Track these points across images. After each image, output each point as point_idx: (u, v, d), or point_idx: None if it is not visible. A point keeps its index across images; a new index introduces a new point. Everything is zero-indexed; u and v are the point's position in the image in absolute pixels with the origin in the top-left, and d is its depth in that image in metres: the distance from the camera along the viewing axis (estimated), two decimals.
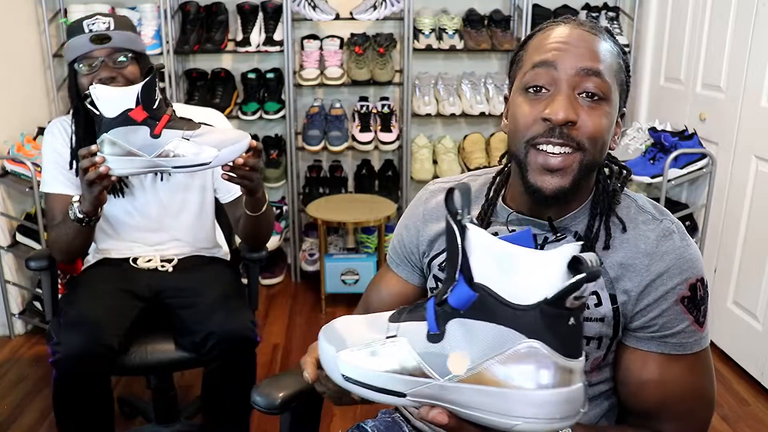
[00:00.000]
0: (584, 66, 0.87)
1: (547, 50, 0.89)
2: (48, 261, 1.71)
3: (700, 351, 0.93)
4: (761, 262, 2.29)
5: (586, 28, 0.91)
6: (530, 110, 0.89)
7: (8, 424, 2.13)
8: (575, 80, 0.87)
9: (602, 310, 0.92)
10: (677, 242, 0.92)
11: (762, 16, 2.27)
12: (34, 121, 2.84)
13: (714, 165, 2.56)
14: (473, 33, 3.09)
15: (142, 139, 1.30)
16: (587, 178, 0.92)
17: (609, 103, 0.89)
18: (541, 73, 0.88)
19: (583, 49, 0.88)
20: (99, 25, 1.57)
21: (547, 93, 0.88)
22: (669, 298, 0.90)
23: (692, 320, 0.91)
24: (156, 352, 1.63)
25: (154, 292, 1.69)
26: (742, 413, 2.20)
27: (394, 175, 3.32)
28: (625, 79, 0.93)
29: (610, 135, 0.91)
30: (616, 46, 0.93)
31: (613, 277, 0.92)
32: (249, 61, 3.22)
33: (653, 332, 0.92)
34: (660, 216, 0.95)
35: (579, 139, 0.87)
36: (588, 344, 0.94)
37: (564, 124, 0.86)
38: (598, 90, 0.87)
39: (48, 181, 1.69)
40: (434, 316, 0.65)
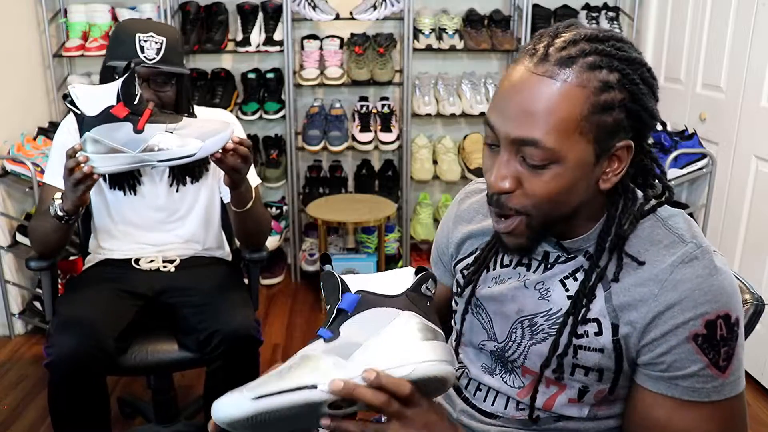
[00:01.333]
0: (517, 136, 0.78)
1: (494, 104, 0.83)
2: (48, 261, 1.70)
3: (723, 401, 0.82)
4: (761, 262, 2.29)
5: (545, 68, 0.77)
6: (485, 167, 0.86)
7: (8, 424, 2.13)
8: (513, 147, 0.80)
9: (601, 341, 0.86)
10: (698, 270, 0.81)
11: (762, 16, 2.27)
12: (34, 121, 2.85)
13: (714, 165, 2.56)
14: (473, 33, 3.09)
15: (126, 136, 1.30)
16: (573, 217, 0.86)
17: (560, 164, 0.78)
18: (489, 131, 0.84)
19: (521, 111, 0.78)
20: (151, 44, 1.53)
21: (497, 149, 0.83)
22: (678, 335, 0.80)
23: (708, 362, 0.80)
24: (157, 352, 1.63)
25: (155, 292, 1.69)
26: None
27: (394, 175, 3.32)
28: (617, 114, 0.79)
29: (572, 189, 0.81)
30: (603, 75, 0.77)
31: (617, 304, 0.85)
32: (249, 61, 3.22)
33: (661, 371, 0.83)
34: (689, 239, 0.84)
35: (517, 207, 0.82)
36: (587, 375, 0.89)
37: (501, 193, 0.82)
38: (537, 161, 0.79)
39: (49, 173, 1.70)
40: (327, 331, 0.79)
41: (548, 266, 0.93)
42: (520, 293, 0.94)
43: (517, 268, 0.97)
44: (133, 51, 1.53)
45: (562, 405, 0.92)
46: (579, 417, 0.92)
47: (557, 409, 0.92)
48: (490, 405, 0.98)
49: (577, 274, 0.90)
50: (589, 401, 0.91)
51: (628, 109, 0.79)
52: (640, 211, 0.87)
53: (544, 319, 0.92)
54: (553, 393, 0.92)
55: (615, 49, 0.79)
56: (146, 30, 1.55)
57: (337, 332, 0.77)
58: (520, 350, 0.94)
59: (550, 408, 0.93)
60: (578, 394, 0.91)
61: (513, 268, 0.97)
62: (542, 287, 0.93)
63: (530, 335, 0.93)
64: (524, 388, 0.95)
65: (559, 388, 0.92)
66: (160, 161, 1.31)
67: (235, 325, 1.57)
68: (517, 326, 0.95)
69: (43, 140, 2.70)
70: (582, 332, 0.87)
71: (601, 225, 0.88)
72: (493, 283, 0.99)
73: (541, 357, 0.91)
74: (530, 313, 0.93)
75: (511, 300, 0.95)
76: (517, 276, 0.96)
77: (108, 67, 1.60)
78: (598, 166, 0.82)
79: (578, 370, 0.89)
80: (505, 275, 0.98)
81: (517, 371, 0.96)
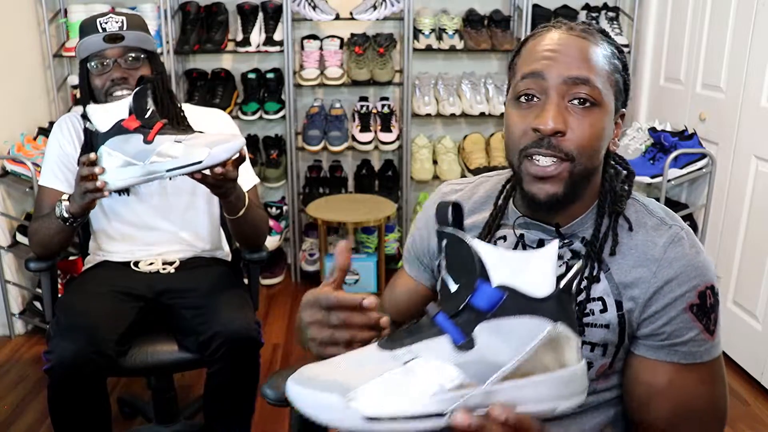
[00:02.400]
0: (572, 75, 0.87)
1: (536, 60, 0.90)
2: (48, 262, 1.69)
3: (712, 360, 0.92)
4: (761, 262, 2.29)
5: (576, 33, 0.91)
6: (521, 120, 0.90)
7: (8, 424, 2.13)
8: (564, 89, 0.88)
9: (607, 317, 0.92)
10: (686, 249, 0.91)
11: (762, 16, 2.27)
12: (34, 121, 2.85)
13: (714, 165, 2.56)
14: (473, 33, 3.09)
15: (136, 147, 1.30)
16: (586, 184, 0.93)
17: (601, 108, 0.89)
18: (531, 83, 0.89)
19: (571, 57, 0.88)
20: (112, 24, 1.58)
21: (538, 102, 0.89)
22: (677, 306, 0.89)
23: (702, 328, 0.90)
24: (157, 353, 1.63)
25: (154, 293, 1.68)
26: (742, 413, 2.20)
27: (394, 175, 3.32)
28: (622, 79, 0.93)
29: (605, 139, 0.91)
30: (610, 46, 0.93)
31: (619, 283, 0.92)
32: (249, 61, 3.22)
33: (662, 340, 0.91)
34: (670, 221, 0.94)
35: (568, 150, 0.88)
36: (593, 351, 0.93)
37: (553, 135, 0.87)
38: (588, 97, 0.88)
39: (45, 174, 1.70)
40: (454, 326, 0.63)
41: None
42: None
43: None
44: (95, 30, 1.57)
45: None
46: None
47: None
48: None
49: (574, 259, 0.96)
50: (591, 376, 0.94)
51: (624, 78, 0.94)
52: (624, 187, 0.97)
53: None
54: None
55: (606, 32, 0.95)
56: (105, 14, 1.61)
57: (470, 338, 0.63)
58: None
59: None
60: None
61: None
62: None
63: None
64: None
65: None
66: (168, 170, 1.29)
67: (235, 327, 1.56)
68: None
69: (43, 140, 2.70)
70: (588, 311, 0.93)
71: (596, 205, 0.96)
72: None
73: None
74: None
75: None
76: None
77: (81, 63, 1.63)
78: (612, 125, 0.93)
79: (585, 346, 0.93)
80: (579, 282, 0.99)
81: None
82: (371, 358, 0.65)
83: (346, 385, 0.61)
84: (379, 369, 0.63)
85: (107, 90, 1.61)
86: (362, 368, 0.63)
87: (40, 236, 1.59)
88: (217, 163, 1.30)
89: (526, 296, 0.63)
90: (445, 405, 0.61)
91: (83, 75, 1.65)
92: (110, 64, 1.59)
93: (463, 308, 0.64)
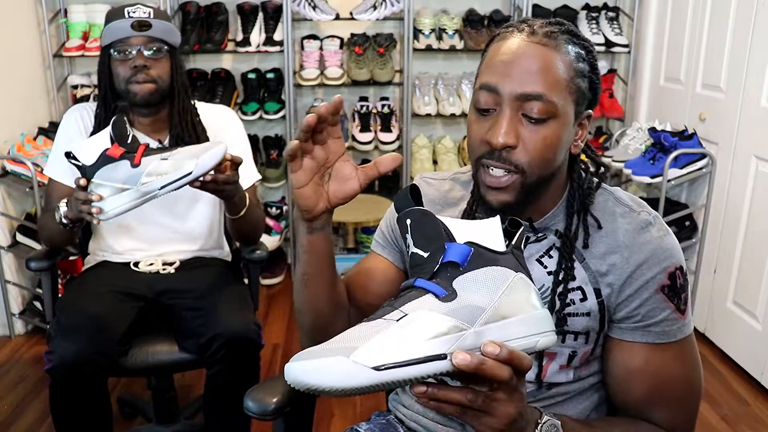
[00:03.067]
0: (525, 92, 0.88)
1: (492, 71, 0.91)
2: (48, 262, 1.70)
3: (684, 338, 0.96)
4: (761, 262, 2.29)
5: (537, 39, 0.90)
6: (478, 129, 0.92)
7: (8, 424, 2.13)
8: (517, 104, 0.89)
9: (588, 305, 0.95)
10: (654, 233, 0.95)
11: (762, 16, 2.27)
12: (34, 121, 2.85)
13: (714, 165, 2.56)
14: (473, 33, 3.09)
15: (125, 172, 1.34)
16: (545, 187, 0.95)
17: (557, 119, 0.90)
18: (486, 95, 0.91)
19: (524, 71, 0.89)
20: (140, 13, 1.61)
21: (493, 113, 0.91)
22: (649, 288, 0.93)
23: (674, 308, 0.94)
24: (157, 353, 1.63)
25: (155, 293, 1.68)
26: (742, 413, 2.20)
27: (394, 175, 3.32)
28: (587, 82, 0.93)
29: (561, 148, 0.92)
30: (575, 48, 0.92)
31: (595, 271, 0.95)
32: (249, 61, 3.22)
33: (636, 322, 0.95)
34: (637, 208, 0.98)
35: (518, 162, 0.90)
36: (576, 339, 0.96)
37: (503, 148, 0.89)
38: (539, 114, 0.88)
39: (53, 166, 1.70)
40: (435, 284, 0.70)
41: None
42: None
43: None
44: (122, 16, 1.60)
45: (554, 372, 0.98)
46: (566, 381, 0.99)
47: (549, 377, 0.98)
48: None
49: (551, 252, 0.99)
50: (575, 365, 0.98)
51: (591, 80, 0.94)
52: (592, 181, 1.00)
53: None
54: (545, 363, 0.98)
55: (578, 31, 0.95)
56: (134, 3, 1.63)
57: (451, 289, 0.70)
58: None
59: (543, 378, 0.98)
60: (567, 359, 0.98)
61: None
62: None
63: None
64: None
65: (549, 357, 0.98)
66: (161, 188, 1.33)
67: (235, 329, 1.56)
68: None
69: (43, 140, 2.70)
70: (569, 300, 0.96)
71: (565, 199, 0.99)
72: None
73: None
74: None
75: None
76: None
77: (104, 50, 1.64)
78: (573, 129, 0.94)
79: (569, 336, 0.97)
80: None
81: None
82: (364, 328, 0.68)
83: (349, 347, 0.65)
84: (375, 330, 0.67)
85: (128, 78, 1.62)
86: (359, 334, 0.67)
87: (47, 231, 1.63)
88: (207, 171, 1.36)
89: (489, 250, 0.73)
90: (444, 347, 0.66)
91: (105, 62, 1.66)
92: (133, 52, 1.61)
93: (439, 268, 0.71)
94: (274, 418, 1.09)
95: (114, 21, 1.61)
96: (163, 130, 1.73)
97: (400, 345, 0.65)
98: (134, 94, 1.63)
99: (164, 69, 1.66)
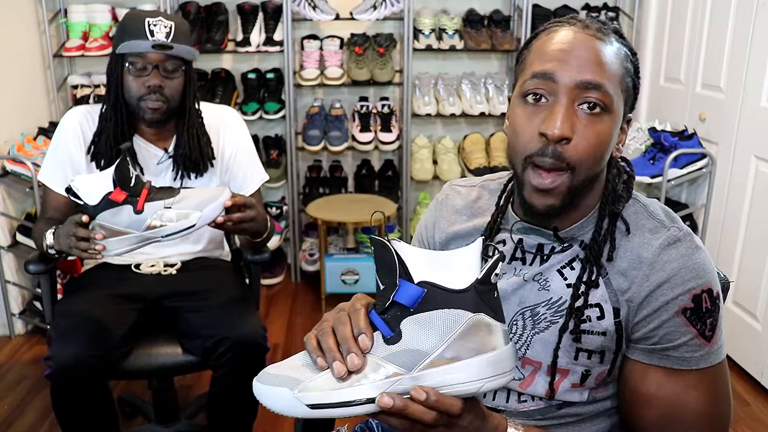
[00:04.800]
0: (584, 79, 0.84)
1: (547, 59, 0.87)
2: (47, 265, 1.67)
3: (709, 368, 0.88)
4: (761, 262, 2.29)
5: (592, 32, 0.87)
6: (528, 122, 0.87)
7: (8, 424, 2.13)
8: (575, 93, 0.85)
9: (604, 324, 0.90)
10: (682, 251, 0.88)
11: (762, 16, 2.27)
12: (34, 121, 2.85)
13: (714, 165, 2.56)
14: (473, 33, 3.09)
15: (128, 218, 1.34)
16: (586, 192, 0.91)
17: (610, 114, 0.86)
18: (541, 83, 0.86)
19: (584, 59, 0.85)
20: (161, 28, 1.56)
21: (546, 103, 0.86)
22: (669, 309, 0.87)
23: (696, 333, 0.87)
24: (160, 356, 1.62)
25: (156, 295, 1.67)
26: (742, 413, 2.20)
27: (394, 175, 3.32)
28: (632, 83, 0.91)
29: (609, 147, 0.89)
30: (624, 47, 0.90)
31: (616, 288, 0.90)
32: (249, 61, 3.22)
33: (653, 344, 0.88)
34: (669, 224, 0.91)
35: (570, 159, 0.85)
36: (590, 358, 0.92)
37: (558, 141, 0.84)
38: (599, 102, 0.85)
39: (48, 174, 1.69)
40: (383, 323, 0.72)
41: (544, 258, 0.95)
42: (521, 287, 0.96)
43: (512, 263, 0.98)
44: (143, 34, 1.55)
45: (565, 390, 0.94)
46: (580, 401, 0.94)
47: (560, 395, 0.94)
48: (491, 400, 0.98)
49: (573, 263, 0.94)
50: (590, 385, 0.94)
51: (634, 82, 0.91)
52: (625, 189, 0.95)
53: (546, 308, 0.93)
54: (557, 379, 0.94)
55: (621, 31, 0.92)
56: (155, 15, 1.58)
57: (397, 331, 0.71)
58: (522, 341, 0.95)
59: (553, 395, 0.94)
60: (581, 378, 0.93)
61: (508, 263, 0.98)
62: (541, 278, 0.95)
63: (532, 325, 0.94)
64: (525, 380, 0.96)
65: (561, 374, 0.93)
66: (164, 237, 1.35)
67: (243, 333, 1.55)
68: (518, 318, 0.96)
69: (44, 140, 2.70)
70: (585, 317, 0.91)
71: (596, 210, 0.94)
72: None
73: (544, 345, 0.93)
74: (532, 304, 0.95)
75: (512, 294, 0.96)
76: (513, 271, 0.97)
77: (117, 55, 1.60)
78: (618, 131, 0.90)
79: (582, 353, 0.92)
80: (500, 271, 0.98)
81: (517, 364, 0.96)
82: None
83: (296, 380, 0.72)
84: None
85: (141, 96, 1.60)
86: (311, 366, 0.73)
87: (39, 244, 1.60)
88: (209, 222, 1.38)
89: (445, 290, 0.70)
90: (377, 391, 0.70)
91: (116, 68, 1.62)
92: (150, 68, 1.58)
93: (389, 305, 0.72)
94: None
95: (134, 36, 1.55)
96: (168, 138, 1.72)
97: (335, 389, 0.70)
98: (144, 112, 1.62)
99: (177, 88, 1.64)
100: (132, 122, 1.67)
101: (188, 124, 1.69)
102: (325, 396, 0.70)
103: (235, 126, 1.80)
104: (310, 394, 0.70)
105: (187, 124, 1.69)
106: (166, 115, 1.65)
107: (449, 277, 0.71)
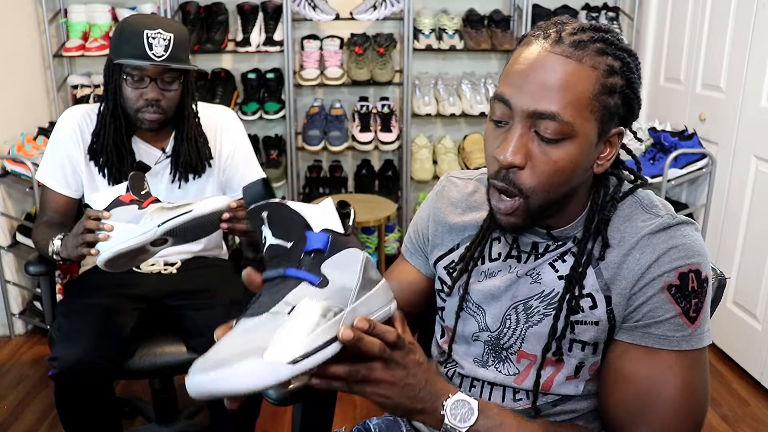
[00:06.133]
0: (537, 109, 0.81)
1: (507, 81, 0.85)
2: (47, 266, 1.66)
3: (690, 351, 0.86)
4: (761, 262, 2.29)
5: (562, 49, 0.82)
6: (489, 144, 0.88)
7: (8, 424, 2.13)
8: (529, 121, 0.83)
9: (597, 313, 0.90)
10: (672, 233, 0.88)
11: (762, 16, 2.27)
12: (34, 121, 2.85)
13: (714, 165, 2.56)
14: (473, 33, 3.09)
15: (131, 213, 1.37)
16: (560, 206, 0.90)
17: (574, 139, 0.83)
18: (500, 107, 0.85)
19: (539, 85, 0.81)
20: (159, 41, 1.53)
21: (505, 127, 0.86)
22: (655, 286, 0.86)
23: (680, 312, 0.86)
24: (165, 354, 1.61)
25: (158, 295, 1.67)
26: (742, 413, 2.20)
27: (394, 175, 3.32)
28: (618, 99, 0.85)
29: (575, 170, 0.85)
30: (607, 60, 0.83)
31: (607, 278, 0.90)
32: (249, 61, 3.22)
33: (636, 321, 0.88)
34: (663, 213, 0.91)
35: (521, 185, 0.85)
36: (583, 349, 0.92)
37: (509, 168, 0.84)
38: (552, 134, 0.82)
39: (47, 173, 1.68)
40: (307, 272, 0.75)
41: (538, 256, 0.95)
42: (513, 283, 0.96)
43: (507, 260, 0.98)
44: (141, 48, 1.52)
45: (560, 383, 0.94)
46: (575, 395, 0.95)
47: (555, 388, 0.94)
48: (487, 400, 0.98)
49: (565, 257, 0.94)
50: (584, 376, 0.94)
51: (625, 95, 0.86)
52: (618, 194, 0.93)
53: (539, 300, 0.94)
54: (551, 373, 0.94)
55: (617, 39, 0.85)
56: (154, 26, 1.53)
57: (321, 275, 0.75)
58: (516, 335, 0.96)
59: (548, 388, 0.95)
60: (575, 370, 0.93)
61: (503, 261, 0.98)
62: (533, 272, 0.95)
63: (525, 319, 0.95)
64: (520, 374, 0.96)
65: (556, 367, 0.94)
66: (159, 225, 1.35)
67: None
68: (511, 312, 0.96)
69: (43, 140, 2.70)
70: (578, 306, 0.91)
71: (586, 213, 0.93)
72: (484, 277, 0.99)
73: (538, 338, 0.93)
74: (524, 298, 0.95)
75: (506, 291, 0.96)
76: (507, 269, 0.97)
77: (116, 64, 1.58)
78: (596, 149, 0.87)
79: (576, 344, 0.92)
80: (495, 269, 0.98)
81: (512, 358, 0.97)
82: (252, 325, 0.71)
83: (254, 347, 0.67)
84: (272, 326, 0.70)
85: (139, 108, 1.60)
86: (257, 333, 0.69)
87: (39, 246, 1.60)
88: (206, 213, 1.37)
89: (340, 234, 0.78)
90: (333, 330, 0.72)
91: (113, 76, 1.60)
92: (147, 81, 1.57)
93: (304, 256, 0.76)
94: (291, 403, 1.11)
95: (132, 50, 1.52)
96: (166, 139, 1.72)
97: (302, 336, 0.70)
98: (142, 122, 1.62)
99: (175, 99, 1.63)
100: (130, 124, 1.66)
101: (186, 126, 1.69)
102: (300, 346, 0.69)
103: (233, 127, 1.80)
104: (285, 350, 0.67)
105: (185, 126, 1.69)
106: (163, 122, 1.65)
107: (329, 225, 0.79)
